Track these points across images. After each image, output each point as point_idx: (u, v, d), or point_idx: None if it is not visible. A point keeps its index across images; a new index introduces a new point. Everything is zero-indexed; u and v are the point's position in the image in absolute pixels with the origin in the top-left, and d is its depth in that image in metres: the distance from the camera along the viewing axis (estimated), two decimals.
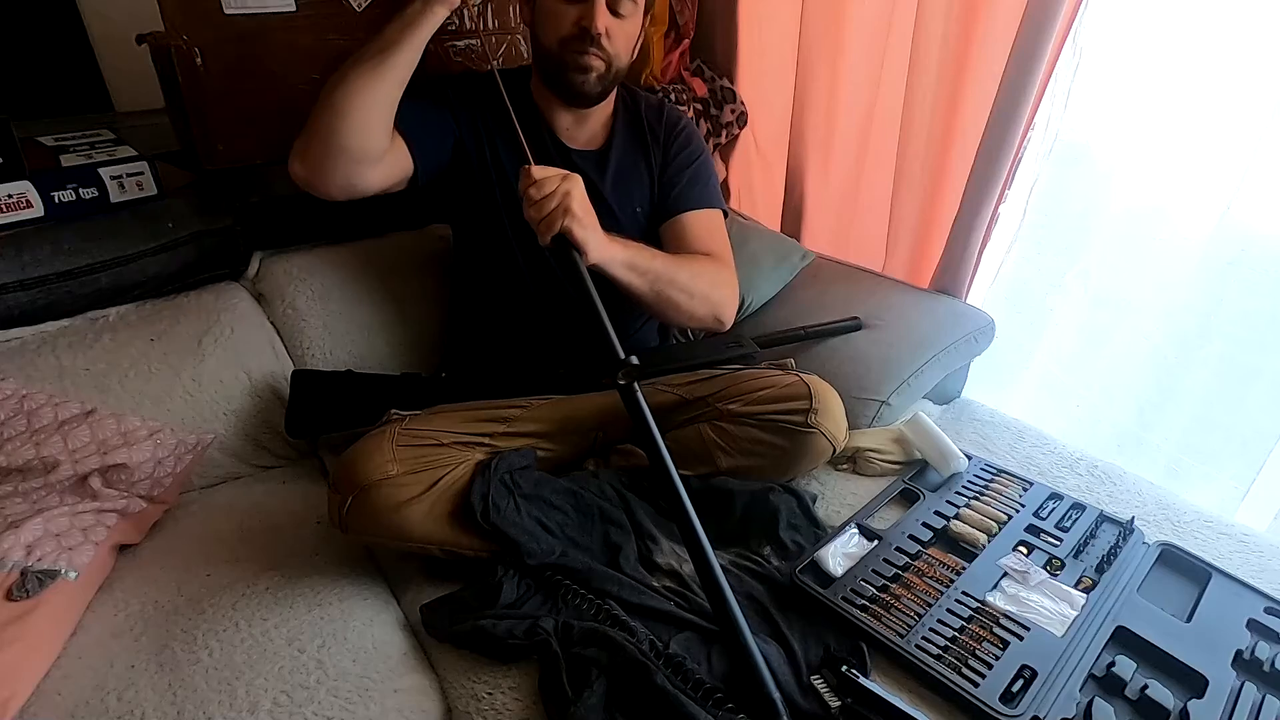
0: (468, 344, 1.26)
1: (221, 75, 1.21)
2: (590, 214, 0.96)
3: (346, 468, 0.97)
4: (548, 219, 0.92)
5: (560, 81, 1.10)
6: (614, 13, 1.05)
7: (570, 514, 1.02)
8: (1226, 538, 1.09)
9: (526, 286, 1.17)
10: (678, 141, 1.22)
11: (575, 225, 0.93)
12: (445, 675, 0.90)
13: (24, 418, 1.06)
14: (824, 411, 1.07)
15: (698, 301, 1.11)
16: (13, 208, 1.12)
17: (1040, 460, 1.26)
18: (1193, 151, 1.29)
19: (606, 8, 1.04)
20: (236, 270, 1.36)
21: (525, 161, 1.02)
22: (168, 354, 1.19)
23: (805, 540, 1.05)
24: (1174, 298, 1.41)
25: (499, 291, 1.20)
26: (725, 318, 1.16)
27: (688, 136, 1.23)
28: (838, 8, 1.48)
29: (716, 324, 1.17)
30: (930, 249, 1.49)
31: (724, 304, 1.15)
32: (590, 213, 0.96)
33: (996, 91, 1.23)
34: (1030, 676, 0.85)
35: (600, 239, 0.97)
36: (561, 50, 1.07)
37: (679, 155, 1.21)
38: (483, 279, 1.21)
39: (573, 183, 0.94)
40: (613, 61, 1.08)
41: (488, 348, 1.23)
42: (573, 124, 1.17)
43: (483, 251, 1.19)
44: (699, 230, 1.19)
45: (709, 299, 1.12)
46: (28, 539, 0.93)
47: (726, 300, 1.16)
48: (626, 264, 1.02)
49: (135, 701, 0.82)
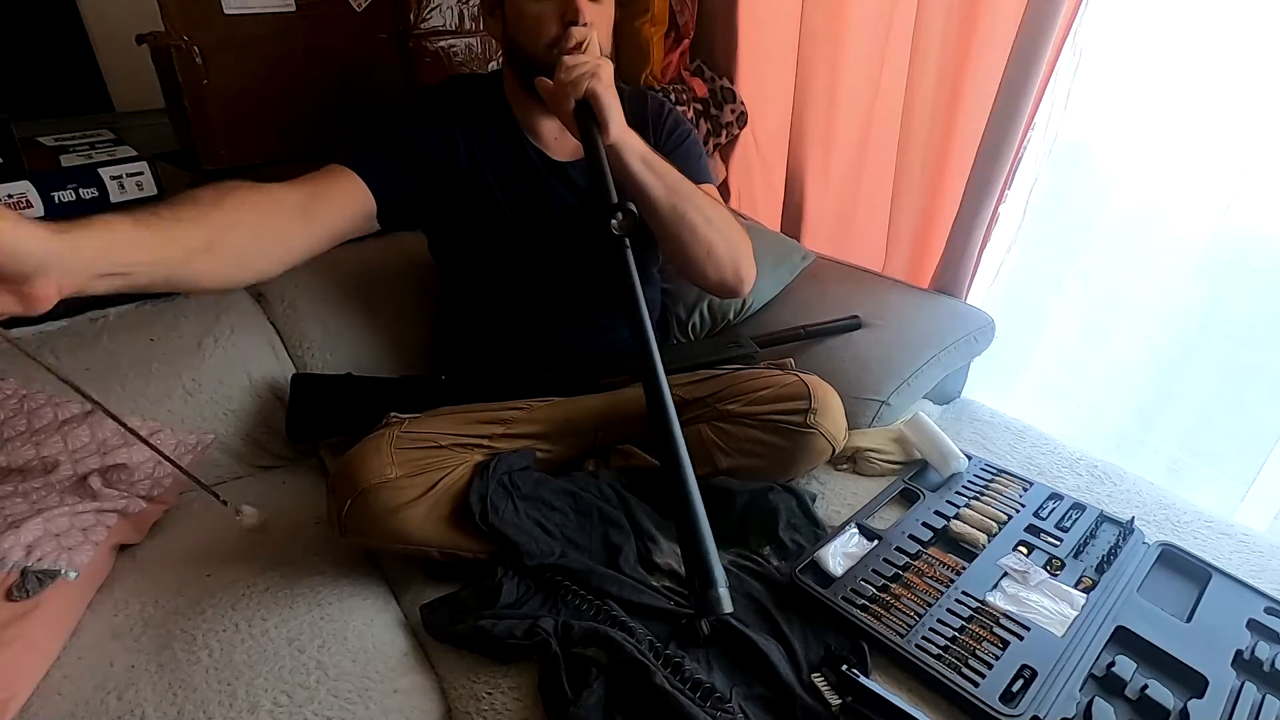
0: (463, 349, 1.25)
1: (221, 75, 1.22)
2: (615, 94, 0.91)
3: (345, 471, 0.97)
4: (575, 80, 0.89)
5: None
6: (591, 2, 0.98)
7: (569, 515, 1.02)
8: (1226, 538, 1.09)
9: (525, 295, 1.15)
10: (666, 126, 1.17)
11: (601, 89, 0.89)
12: (445, 675, 0.90)
13: (24, 418, 1.06)
14: (823, 412, 1.07)
15: (716, 233, 1.02)
16: (13, 208, 1.11)
17: (1040, 460, 1.26)
18: (1193, 151, 1.29)
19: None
20: None
21: (514, 169, 1.01)
22: (168, 354, 1.19)
23: (805, 540, 1.05)
24: (1174, 298, 1.41)
25: (495, 302, 1.17)
26: (745, 273, 1.07)
27: (675, 119, 1.19)
28: (838, 8, 1.48)
29: (735, 278, 1.07)
30: (930, 249, 1.49)
31: (744, 251, 1.06)
32: (615, 93, 0.91)
33: (996, 91, 1.23)
34: (1030, 676, 0.85)
35: (622, 118, 0.92)
36: (549, 54, 0.97)
37: (668, 139, 1.16)
38: (478, 289, 1.18)
39: (605, 62, 0.92)
40: (601, 53, 1.01)
41: (484, 354, 1.22)
42: (559, 130, 1.10)
43: (479, 261, 1.15)
44: None
45: (728, 237, 1.04)
46: (28, 539, 0.93)
47: (745, 250, 1.07)
48: (644, 158, 0.96)
49: (135, 701, 0.82)
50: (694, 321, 1.44)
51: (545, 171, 1.10)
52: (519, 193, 1.09)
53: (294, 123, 1.32)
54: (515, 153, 1.09)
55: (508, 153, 1.09)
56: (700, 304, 1.43)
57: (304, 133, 1.33)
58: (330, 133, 1.35)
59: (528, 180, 1.10)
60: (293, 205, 0.89)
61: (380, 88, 1.37)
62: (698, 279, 1.07)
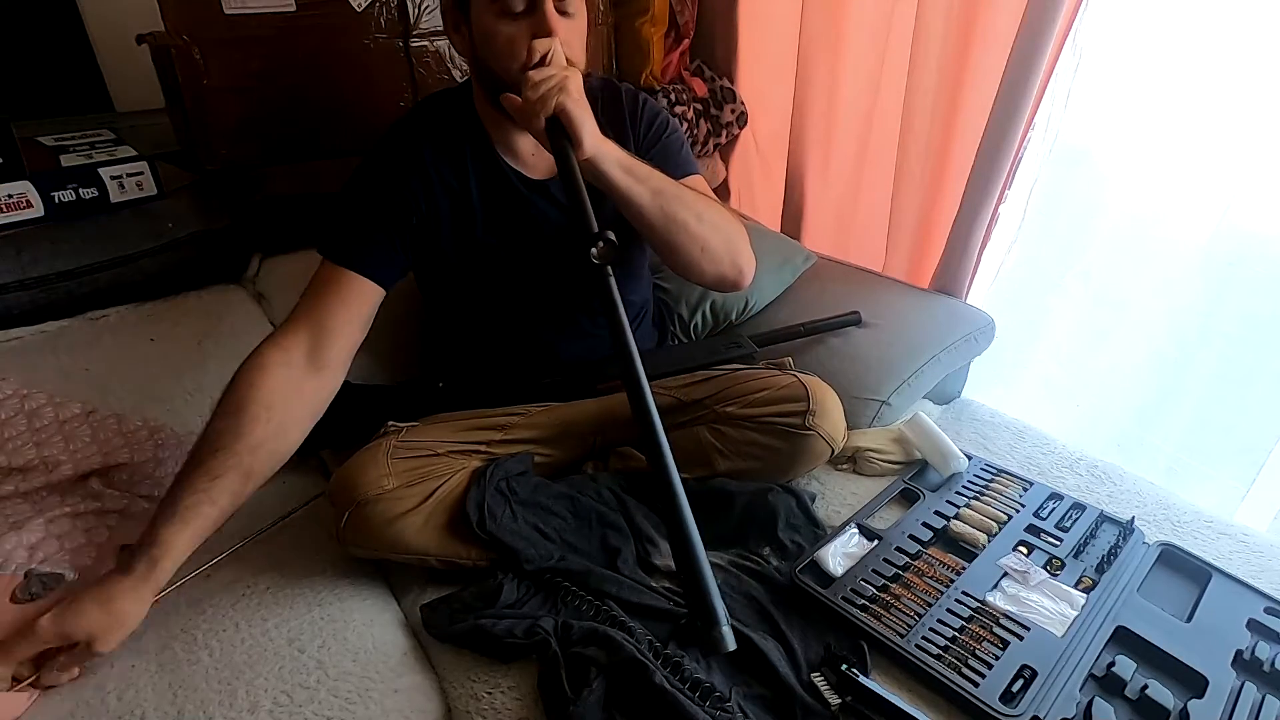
0: (455, 364, 1.23)
1: (221, 75, 1.22)
2: (585, 105, 0.89)
3: (342, 483, 0.96)
4: (543, 96, 0.86)
5: None
6: (562, 12, 0.93)
7: (568, 519, 1.02)
8: (1226, 538, 1.09)
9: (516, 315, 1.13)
10: (644, 119, 1.12)
11: (570, 103, 0.86)
12: (445, 675, 0.90)
13: (25, 417, 1.06)
14: (821, 413, 1.06)
15: (709, 229, 0.99)
16: (13, 208, 1.12)
17: (1040, 460, 1.26)
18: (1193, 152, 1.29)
19: (554, 9, 0.92)
20: (236, 271, 1.36)
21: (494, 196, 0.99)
22: (168, 354, 1.19)
23: (805, 540, 1.05)
24: (1174, 298, 1.41)
25: (486, 324, 1.15)
26: (744, 264, 1.04)
27: (652, 111, 1.14)
28: (838, 8, 1.48)
29: (735, 271, 1.04)
30: (930, 249, 1.49)
31: (739, 243, 1.03)
32: (586, 104, 0.89)
33: (996, 91, 1.23)
34: (1030, 676, 0.85)
35: (596, 130, 0.89)
36: (522, 75, 0.92)
37: (648, 133, 1.12)
38: (468, 314, 1.16)
39: (573, 72, 0.89)
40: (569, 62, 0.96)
41: (477, 369, 1.20)
42: (536, 147, 1.04)
43: (468, 289, 1.12)
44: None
45: (722, 230, 1.01)
46: (30, 540, 0.93)
47: (741, 241, 1.04)
48: (623, 165, 0.93)
49: (135, 701, 0.82)
50: (696, 322, 1.43)
51: (526, 193, 1.07)
52: (502, 220, 1.07)
53: (294, 123, 1.32)
54: (494, 178, 1.06)
55: (486, 179, 1.05)
56: (703, 304, 1.43)
57: (304, 133, 1.33)
58: (330, 133, 1.35)
59: (509, 206, 1.07)
60: (302, 362, 0.95)
61: (380, 88, 1.37)
62: (695, 277, 1.05)
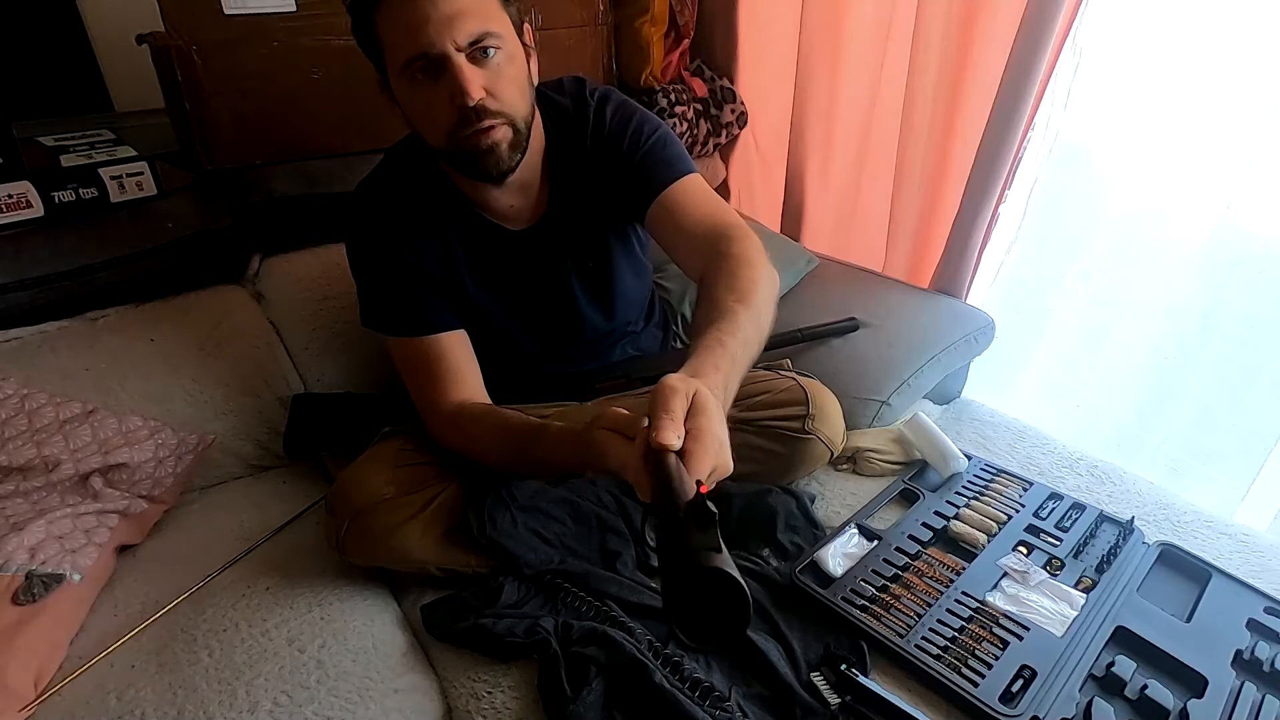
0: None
1: (221, 75, 1.22)
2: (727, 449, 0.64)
3: (342, 491, 0.96)
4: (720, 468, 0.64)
5: (475, 170, 0.93)
6: (479, 62, 0.85)
7: (568, 523, 1.02)
8: (1226, 538, 1.09)
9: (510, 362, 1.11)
10: (632, 127, 1.02)
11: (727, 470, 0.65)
12: (445, 675, 0.90)
13: (25, 417, 1.06)
14: (821, 417, 1.06)
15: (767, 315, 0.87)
16: (13, 208, 1.12)
17: (1040, 460, 1.26)
18: (1193, 151, 1.29)
19: (469, 63, 0.84)
20: (236, 271, 1.36)
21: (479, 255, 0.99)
22: (168, 354, 1.19)
23: (804, 541, 1.05)
24: (1174, 298, 1.41)
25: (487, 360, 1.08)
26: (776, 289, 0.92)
27: (641, 118, 1.04)
28: (838, 8, 1.48)
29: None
30: (930, 249, 1.49)
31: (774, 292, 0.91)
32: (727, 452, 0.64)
33: (996, 91, 1.23)
34: (1030, 676, 0.85)
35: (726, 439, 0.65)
36: (456, 141, 0.89)
37: (628, 146, 1.02)
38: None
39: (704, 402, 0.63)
40: (514, 117, 0.90)
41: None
42: (515, 196, 1.01)
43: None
44: (688, 203, 1.00)
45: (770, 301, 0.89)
46: (31, 541, 0.93)
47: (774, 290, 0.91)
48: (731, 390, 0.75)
49: (135, 701, 0.82)
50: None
51: (510, 247, 1.04)
52: (490, 277, 1.05)
53: (294, 123, 1.32)
54: (478, 239, 1.03)
55: (471, 242, 1.03)
56: None
57: (304, 133, 1.33)
58: (330, 133, 1.35)
59: (497, 262, 1.04)
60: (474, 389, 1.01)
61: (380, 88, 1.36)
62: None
